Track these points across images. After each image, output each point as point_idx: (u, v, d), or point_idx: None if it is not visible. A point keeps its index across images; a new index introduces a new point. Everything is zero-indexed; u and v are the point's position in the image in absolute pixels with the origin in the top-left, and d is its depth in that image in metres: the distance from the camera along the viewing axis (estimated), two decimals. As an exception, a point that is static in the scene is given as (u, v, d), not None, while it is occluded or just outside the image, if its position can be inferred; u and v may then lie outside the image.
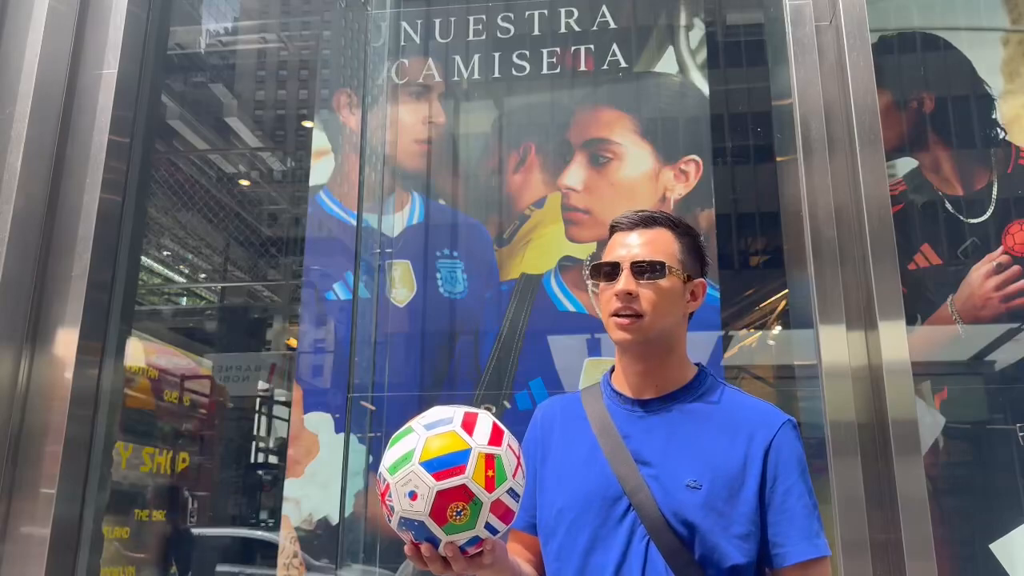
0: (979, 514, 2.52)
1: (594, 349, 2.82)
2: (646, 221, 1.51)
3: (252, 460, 6.84)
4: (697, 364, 1.55)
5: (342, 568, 2.75)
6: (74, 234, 2.69)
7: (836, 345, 2.29)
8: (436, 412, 1.28)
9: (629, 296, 1.43)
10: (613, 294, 1.45)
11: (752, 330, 3.96)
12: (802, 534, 1.36)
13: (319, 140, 3.23)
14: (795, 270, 2.51)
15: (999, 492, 2.56)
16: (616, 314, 1.45)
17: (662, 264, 1.46)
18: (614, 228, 1.54)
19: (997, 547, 2.44)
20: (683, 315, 1.50)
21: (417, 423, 1.27)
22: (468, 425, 1.25)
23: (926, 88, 2.92)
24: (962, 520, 2.51)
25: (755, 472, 1.38)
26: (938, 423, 2.60)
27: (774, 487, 1.38)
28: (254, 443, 6.83)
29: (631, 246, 1.48)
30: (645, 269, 1.45)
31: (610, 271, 1.48)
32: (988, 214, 2.74)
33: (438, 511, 1.19)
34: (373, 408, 2.87)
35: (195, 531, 5.66)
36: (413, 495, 1.19)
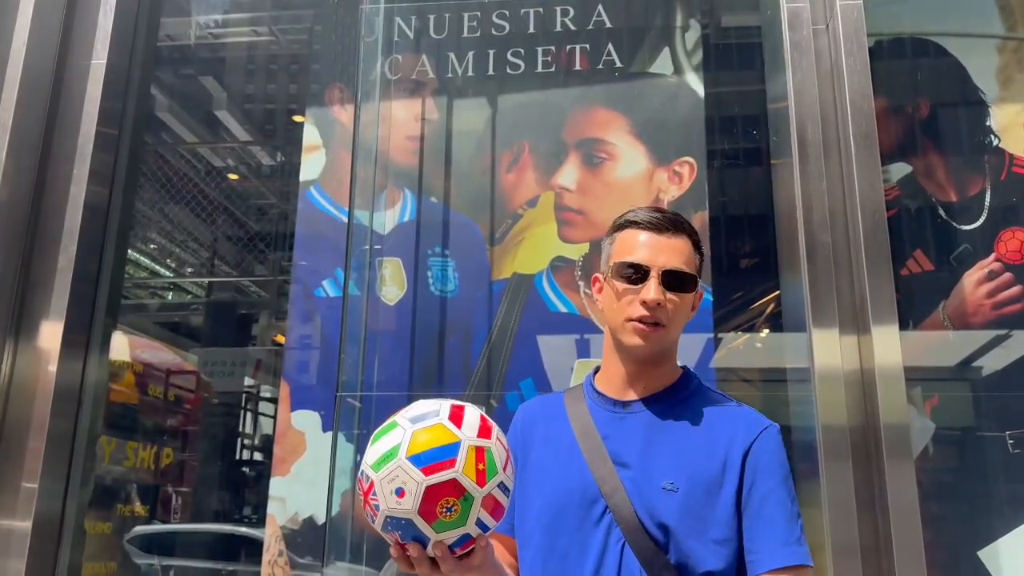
0: (968, 521, 2.52)
1: (584, 350, 2.80)
2: (673, 225, 1.46)
3: (237, 456, 6.80)
4: (682, 367, 1.52)
5: (328, 567, 2.73)
6: (60, 226, 2.66)
7: (829, 349, 2.28)
8: (421, 406, 1.24)
9: (657, 306, 1.39)
10: (640, 301, 1.40)
11: (743, 333, 3.96)
12: (779, 540, 1.32)
13: (310, 135, 3.20)
14: (788, 273, 2.50)
15: (988, 499, 2.56)
16: (640, 320, 1.40)
17: (693, 278, 1.43)
18: (632, 224, 1.47)
19: (985, 554, 2.44)
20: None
21: (401, 417, 1.23)
22: (455, 417, 1.21)
23: (921, 93, 2.92)
24: (951, 527, 2.52)
25: (733, 476, 1.36)
26: (928, 429, 2.60)
27: (751, 492, 1.35)
28: (239, 439, 6.79)
29: (658, 251, 1.43)
30: (675, 280, 1.41)
31: (635, 274, 1.42)
32: (981, 221, 2.75)
33: (427, 508, 1.14)
34: (359, 404, 2.84)
35: (178, 527, 5.63)
36: (400, 492, 1.14)
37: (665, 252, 1.42)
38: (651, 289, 1.39)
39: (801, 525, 1.35)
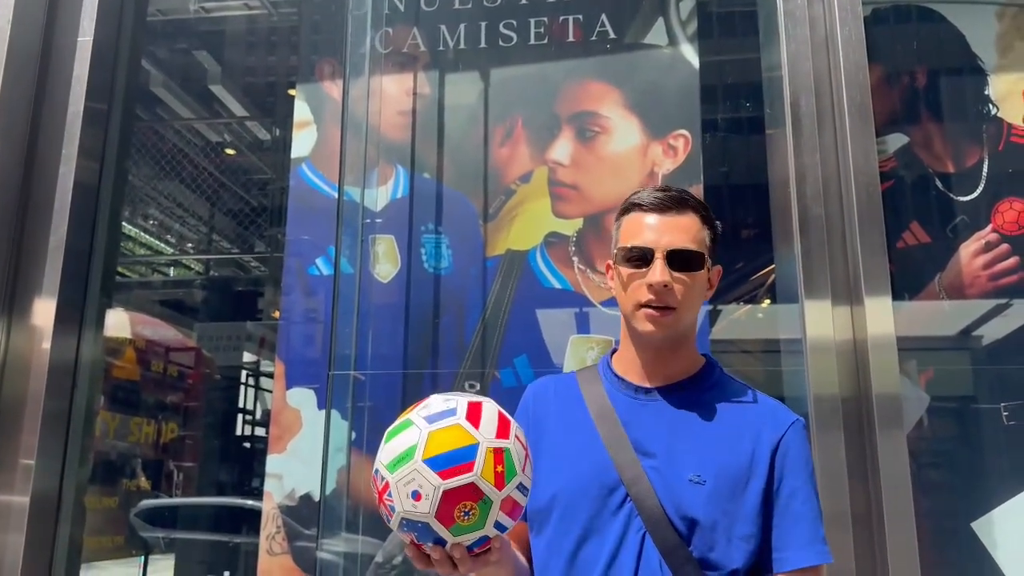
0: (961, 493, 2.53)
1: (580, 326, 2.79)
2: (678, 203, 1.40)
3: (239, 431, 6.85)
4: (704, 355, 1.48)
5: (324, 539, 2.75)
6: (50, 205, 2.66)
7: (821, 319, 2.29)
8: (437, 402, 1.20)
9: (664, 288, 1.35)
10: (646, 285, 1.36)
11: (735, 304, 3.96)
12: (805, 539, 1.31)
13: (301, 111, 3.16)
14: (782, 245, 2.50)
15: (983, 471, 2.57)
16: (647, 305, 1.36)
17: (700, 256, 1.38)
18: (636, 206, 1.43)
19: (978, 526, 2.45)
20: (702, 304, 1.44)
21: (417, 415, 1.18)
22: (473, 416, 1.16)
23: (918, 62, 2.88)
24: (944, 498, 2.53)
25: (761, 472, 1.33)
26: (923, 401, 2.60)
27: (780, 489, 1.33)
28: (241, 414, 6.83)
29: (663, 231, 1.37)
30: (682, 260, 1.36)
31: (639, 258, 1.37)
32: (978, 192, 2.72)
33: (445, 512, 1.11)
34: (362, 377, 2.84)
35: (184, 500, 5.69)
36: (417, 495, 1.11)
37: (670, 232, 1.37)
38: (656, 271, 1.35)
39: (822, 523, 1.35)
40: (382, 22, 3.18)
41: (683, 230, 1.38)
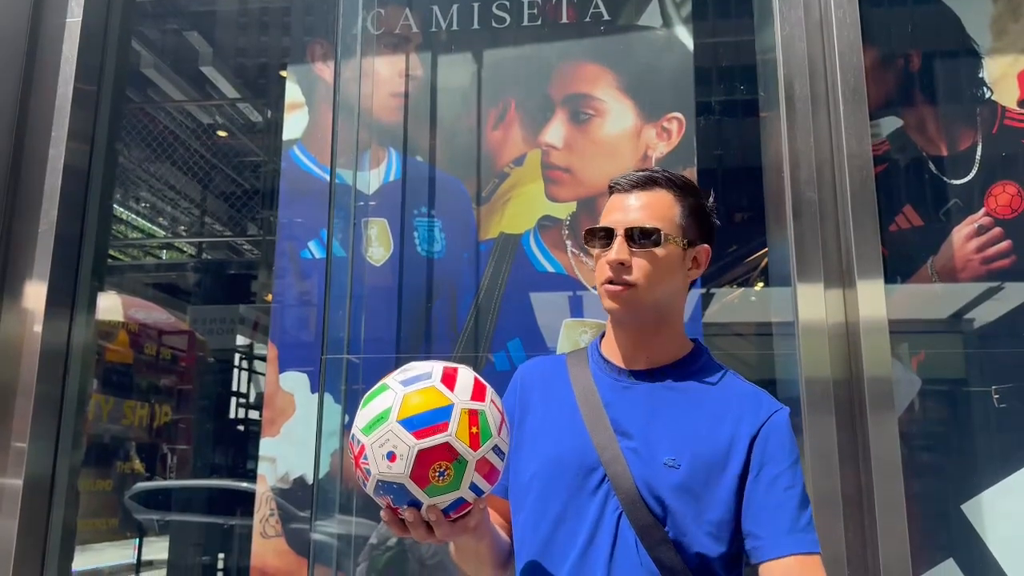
0: (952, 475, 2.55)
1: (573, 310, 2.80)
2: (645, 182, 1.40)
3: (233, 414, 6.85)
4: (693, 340, 1.47)
5: (317, 521, 2.76)
6: (40, 187, 2.65)
7: (813, 303, 2.29)
8: (413, 367, 1.22)
9: (621, 266, 1.35)
10: (605, 262, 1.36)
11: (729, 288, 3.97)
12: (785, 527, 1.26)
13: (292, 93, 3.14)
14: (775, 229, 2.50)
15: (973, 453, 2.58)
16: (608, 282, 1.36)
17: (657, 231, 1.35)
18: (612, 189, 1.44)
19: (968, 508, 2.47)
20: (682, 284, 1.42)
21: (392, 379, 1.20)
22: (448, 379, 1.18)
23: (912, 45, 2.87)
24: (935, 481, 2.54)
25: (739, 459, 1.30)
26: (914, 384, 2.61)
27: (758, 476, 1.29)
28: (233, 397, 6.84)
29: (627, 210, 1.38)
30: (639, 236, 1.35)
31: (604, 237, 1.38)
32: (972, 175, 2.72)
33: (419, 472, 1.11)
34: (355, 360, 2.84)
35: (179, 483, 5.70)
36: (391, 456, 1.11)
37: (633, 210, 1.38)
38: (614, 249, 1.36)
39: (810, 512, 1.29)
40: (374, 3, 3.16)
41: (646, 208, 1.38)
